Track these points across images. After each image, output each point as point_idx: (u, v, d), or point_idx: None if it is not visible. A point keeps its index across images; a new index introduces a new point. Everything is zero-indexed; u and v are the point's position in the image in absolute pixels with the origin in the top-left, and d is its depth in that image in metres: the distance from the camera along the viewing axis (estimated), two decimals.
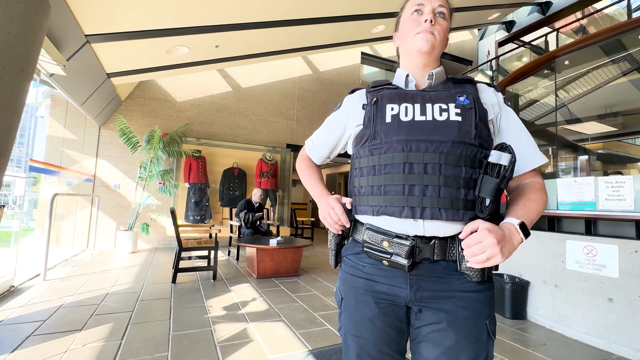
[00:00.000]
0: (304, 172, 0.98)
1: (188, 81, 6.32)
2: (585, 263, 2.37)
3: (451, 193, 0.69)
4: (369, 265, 0.78)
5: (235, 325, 2.40)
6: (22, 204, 3.84)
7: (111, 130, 5.66)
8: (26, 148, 11.20)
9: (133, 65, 4.28)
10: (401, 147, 0.73)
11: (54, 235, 5.02)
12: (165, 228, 5.96)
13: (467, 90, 0.77)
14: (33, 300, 2.75)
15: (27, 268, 3.69)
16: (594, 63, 4.38)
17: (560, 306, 2.50)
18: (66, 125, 5.28)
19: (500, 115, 0.78)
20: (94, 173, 5.55)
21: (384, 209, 0.73)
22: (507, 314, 2.73)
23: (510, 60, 6.89)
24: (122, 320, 2.41)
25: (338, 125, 0.90)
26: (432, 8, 0.78)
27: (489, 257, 0.62)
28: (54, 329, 2.20)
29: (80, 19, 2.82)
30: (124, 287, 3.24)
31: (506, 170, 0.65)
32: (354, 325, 0.79)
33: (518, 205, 0.72)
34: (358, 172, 0.81)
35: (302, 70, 7.39)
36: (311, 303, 2.96)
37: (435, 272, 0.73)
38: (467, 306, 0.71)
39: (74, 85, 3.81)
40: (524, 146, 0.77)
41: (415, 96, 0.78)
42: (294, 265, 4.02)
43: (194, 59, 4.57)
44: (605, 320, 2.22)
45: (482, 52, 8.56)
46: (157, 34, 3.45)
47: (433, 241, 0.71)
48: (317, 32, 4.56)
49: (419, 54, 0.79)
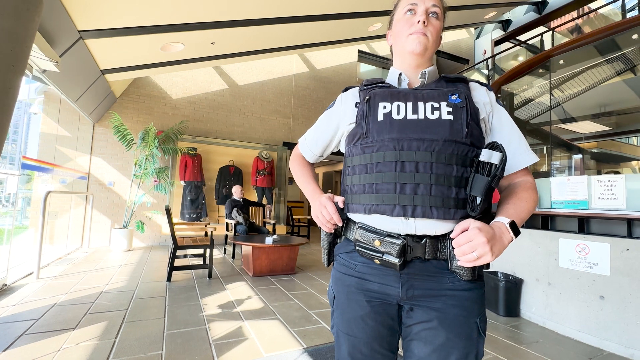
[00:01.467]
0: (297, 171, 0.98)
1: (184, 78, 6.28)
2: (577, 261, 2.40)
3: (442, 191, 0.69)
4: (361, 263, 0.78)
5: (231, 323, 2.39)
6: (15, 202, 3.79)
7: (106, 127, 5.61)
8: (19, 145, 10.97)
9: (127, 61, 4.24)
10: (393, 146, 0.73)
11: (47, 233, 4.97)
12: (160, 226, 5.93)
13: (459, 89, 0.77)
14: (26, 299, 2.72)
15: (20, 266, 3.65)
16: (588, 62, 4.41)
17: (553, 303, 2.53)
18: (60, 122, 5.22)
19: (493, 114, 0.79)
20: (89, 170, 5.50)
21: (376, 208, 0.73)
22: (500, 312, 2.75)
23: (507, 59, 6.92)
24: (116, 318, 2.40)
25: (331, 123, 0.90)
26: (425, 8, 0.78)
27: (479, 256, 0.62)
28: (47, 328, 2.18)
29: (73, 15, 2.79)
30: (119, 286, 3.22)
31: (497, 168, 0.66)
32: (346, 324, 0.80)
33: (509, 204, 0.73)
34: (350, 170, 0.81)
35: (298, 67, 7.37)
36: (307, 301, 2.97)
37: (426, 271, 0.73)
38: (457, 304, 0.72)
39: (67, 81, 3.76)
40: (515, 145, 0.77)
41: (408, 95, 0.77)
42: (289, 264, 4.02)
43: (189, 55, 4.53)
44: (596, 318, 2.25)
45: (479, 51, 8.59)
46: (151, 30, 3.41)
47: (424, 240, 0.71)
48: (314, 29, 4.54)
49: (412, 55, 0.79)
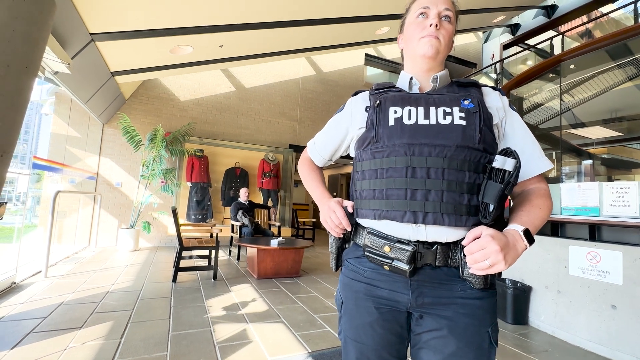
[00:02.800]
0: (306, 174, 0.98)
1: (192, 80, 6.34)
2: (588, 269, 2.35)
3: (454, 198, 0.68)
4: (370, 269, 0.77)
5: (235, 325, 2.39)
6: (25, 201, 3.86)
7: (114, 128, 5.68)
8: (30, 145, 11.23)
9: (137, 64, 4.30)
10: (404, 151, 0.72)
11: (56, 232, 5.04)
12: (166, 227, 5.97)
13: (472, 94, 0.76)
14: (34, 297, 2.76)
15: (28, 265, 3.70)
16: (599, 67, 4.35)
17: (563, 312, 2.48)
18: (70, 123, 5.30)
19: (506, 120, 0.77)
20: (97, 171, 5.57)
21: (386, 213, 0.72)
22: (508, 319, 2.70)
23: (515, 63, 6.86)
24: (122, 318, 2.41)
25: (340, 127, 0.90)
26: (437, 12, 0.77)
27: (492, 264, 0.61)
28: (54, 327, 2.20)
29: (85, 18, 2.84)
30: (125, 286, 3.25)
31: (510, 175, 0.64)
32: (354, 330, 0.78)
33: (522, 211, 0.71)
34: (360, 175, 0.80)
35: (305, 70, 7.39)
36: (311, 305, 2.95)
37: (436, 278, 0.72)
38: (468, 313, 0.70)
39: (78, 83, 3.83)
40: (529, 151, 0.76)
41: (419, 99, 0.77)
42: (294, 266, 4.01)
43: (198, 58, 4.58)
44: (608, 328, 2.20)
45: (487, 55, 8.53)
46: (161, 33, 3.46)
47: (435, 247, 0.70)
48: (321, 32, 4.56)
49: (424, 58, 0.78)
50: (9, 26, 1.80)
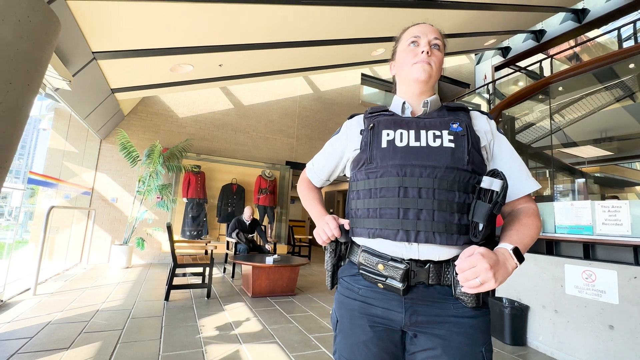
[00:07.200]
0: (305, 194, 1.00)
1: (191, 97, 6.43)
2: (584, 288, 2.35)
3: (445, 217, 0.70)
4: (365, 287, 0.78)
5: (228, 346, 2.33)
6: (18, 216, 3.81)
7: (112, 143, 5.70)
8: (26, 160, 11.12)
9: (137, 81, 4.38)
10: (396, 172, 0.74)
11: (47, 248, 4.95)
12: (160, 243, 5.89)
13: (460, 117, 0.79)
14: (21, 316, 2.68)
15: (17, 282, 3.61)
16: (587, 89, 4.50)
17: (561, 332, 2.45)
18: (68, 138, 5.32)
19: (494, 142, 0.80)
20: (92, 186, 5.54)
21: (379, 232, 0.74)
22: (507, 340, 2.66)
23: (507, 84, 7.07)
24: (111, 338, 2.34)
25: (337, 149, 0.93)
26: (427, 40, 0.82)
27: (482, 282, 0.62)
28: (41, 347, 2.13)
29: (88, 37, 2.91)
30: (115, 304, 3.17)
31: (498, 195, 0.67)
32: (348, 349, 0.78)
33: (512, 230, 0.73)
34: (355, 194, 0.82)
35: (303, 89, 7.55)
36: (306, 324, 2.89)
37: (430, 296, 0.72)
38: (462, 332, 0.70)
39: (78, 99, 3.87)
40: (516, 173, 0.78)
41: (410, 123, 0.80)
42: (290, 284, 3.95)
43: (197, 76, 4.67)
44: (606, 348, 2.17)
45: (479, 76, 8.79)
46: (162, 52, 3.55)
47: (428, 265, 0.71)
48: (319, 53, 4.70)
49: (417, 82, 0.82)
50: (13, 45, 1.85)
